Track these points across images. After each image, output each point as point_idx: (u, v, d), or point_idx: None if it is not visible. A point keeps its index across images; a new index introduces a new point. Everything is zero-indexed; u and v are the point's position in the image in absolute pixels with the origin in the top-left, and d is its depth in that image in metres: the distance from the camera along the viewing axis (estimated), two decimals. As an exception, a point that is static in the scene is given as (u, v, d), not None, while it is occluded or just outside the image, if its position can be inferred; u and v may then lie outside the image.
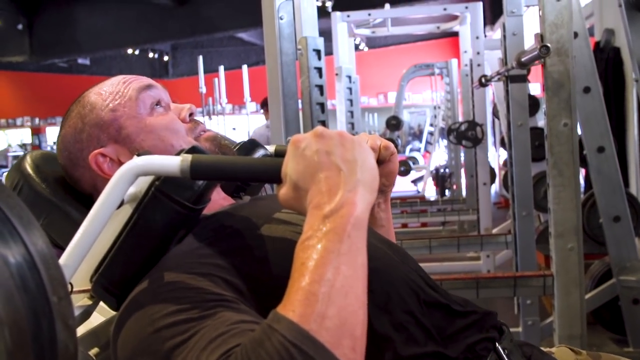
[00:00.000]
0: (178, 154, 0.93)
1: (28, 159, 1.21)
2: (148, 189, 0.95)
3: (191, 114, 1.23)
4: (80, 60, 18.02)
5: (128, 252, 0.96)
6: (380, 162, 1.17)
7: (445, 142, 9.26)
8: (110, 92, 1.19)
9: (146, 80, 1.22)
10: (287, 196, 0.86)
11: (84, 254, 0.92)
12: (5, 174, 1.21)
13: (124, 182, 0.91)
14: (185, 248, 0.98)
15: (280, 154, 1.24)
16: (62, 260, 0.90)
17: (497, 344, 1.03)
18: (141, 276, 0.95)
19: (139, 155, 0.92)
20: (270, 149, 1.26)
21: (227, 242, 0.98)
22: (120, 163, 1.11)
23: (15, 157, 15.14)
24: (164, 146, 1.14)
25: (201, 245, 0.98)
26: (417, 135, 17.25)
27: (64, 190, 1.19)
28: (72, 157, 1.18)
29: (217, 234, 1.00)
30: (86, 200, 1.17)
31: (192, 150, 0.94)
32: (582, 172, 3.68)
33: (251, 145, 1.20)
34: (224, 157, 0.95)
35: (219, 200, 1.18)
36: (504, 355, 1.02)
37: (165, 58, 19.23)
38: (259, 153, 1.20)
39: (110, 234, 0.96)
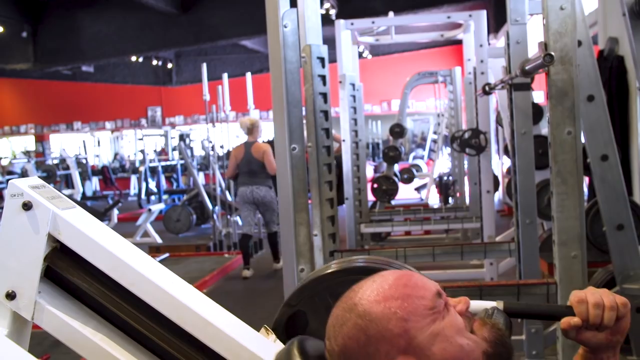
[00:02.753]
0: None
1: (295, 351, 1.19)
2: None
3: (467, 308, 1.20)
4: (84, 68, 18.06)
5: None
6: (617, 319, 1.19)
7: (448, 149, 9.26)
8: (395, 297, 1.13)
9: (435, 286, 1.17)
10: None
11: None
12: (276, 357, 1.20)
13: None
14: None
15: (510, 311, 1.24)
16: None
17: None
18: None
19: None
20: (499, 305, 1.25)
21: None
22: None
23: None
24: (453, 348, 1.11)
25: None
26: (421, 143, 17.26)
27: None
28: None
29: None
30: None
31: None
32: (586, 180, 3.67)
33: (500, 315, 1.21)
34: None
35: None
36: None
37: (169, 65, 19.26)
38: (502, 318, 1.20)
39: None
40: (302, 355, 1.17)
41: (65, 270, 1.25)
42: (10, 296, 1.22)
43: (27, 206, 1.21)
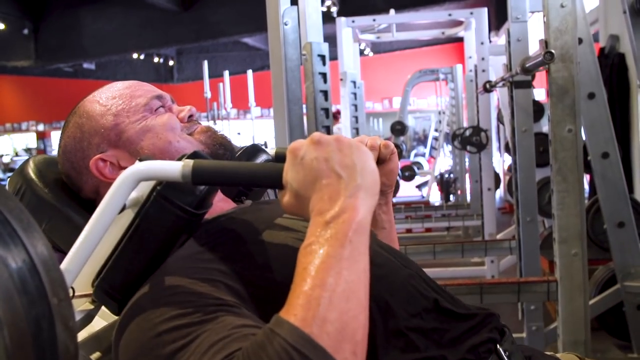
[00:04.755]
0: (180, 159, 0.93)
1: (31, 164, 1.22)
2: (150, 194, 0.95)
3: (191, 116, 1.24)
4: (85, 65, 18.07)
5: (129, 256, 0.96)
6: (380, 161, 1.18)
7: (449, 147, 9.26)
8: (113, 97, 1.20)
9: (155, 91, 1.24)
10: (289, 204, 0.87)
11: (85, 259, 0.92)
12: (9, 178, 1.21)
13: (126, 187, 0.91)
14: (187, 252, 0.98)
15: (280, 158, 1.26)
16: (63, 265, 0.91)
17: (498, 345, 1.03)
18: (143, 280, 0.95)
19: (140, 160, 0.93)
20: (272, 152, 1.26)
21: (228, 247, 0.98)
22: (121, 167, 1.14)
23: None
24: (162, 144, 1.16)
25: (202, 249, 0.98)
26: (422, 140, 17.24)
27: (66, 195, 1.19)
28: (74, 166, 1.19)
29: (218, 239, 1.00)
30: (89, 205, 1.18)
31: (194, 155, 0.95)
32: (587, 177, 3.67)
33: (253, 149, 1.23)
34: (225, 163, 0.95)
35: (220, 204, 1.18)
36: (505, 357, 1.02)
37: (171, 63, 19.26)
38: (262, 158, 1.22)
39: (111, 238, 0.96)
40: (36, 164, 1.23)
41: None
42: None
43: (26, 203, 1.22)
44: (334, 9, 9.91)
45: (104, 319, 1.13)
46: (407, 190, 10.35)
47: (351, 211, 0.80)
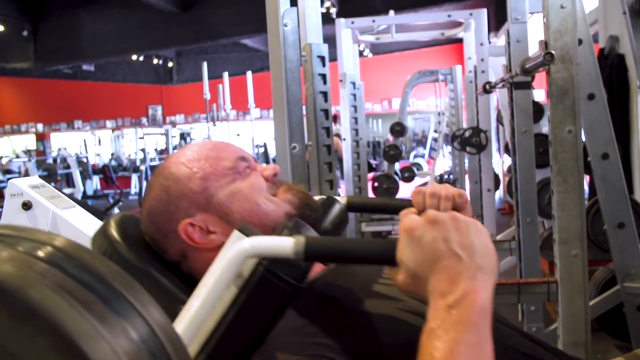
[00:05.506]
0: (282, 231, 0.94)
1: (112, 224, 1.19)
2: (255, 269, 0.94)
3: (275, 174, 1.23)
4: (84, 67, 18.06)
5: (235, 333, 0.94)
6: (454, 209, 1.18)
7: (449, 148, 9.26)
8: (198, 159, 1.18)
9: (240, 151, 1.23)
10: (405, 283, 0.86)
11: (192, 337, 0.90)
12: (92, 239, 1.19)
13: (235, 264, 0.90)
14: (290, 326, 0.97)
15: (352, 206, 1.27)
16: None
17: None
18: (248, 357, 0.95)
19: (241, 230, 0.92)
20: (342, 200, 1.28)
21: (331, 320, 0.98)
22: (210, 231, 1.13)
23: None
24: (251, 206, 1.15)
25: (305, 322, 0.97)
26: (421, 141, 17.24)
27: (151, 257, 1.18)
28: (159, 228, 1.18)
29: (319, 310, 0.99)
30: (173, 267, 1.17)
31: (296, 225, 0.95)
32: (587, 178, 3.67)
33: (329, 202, 1.24)
34: (337, 240, 0.95)
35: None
36: None
37: (170, 64, 19.25)
38: (336, 207, 1.24)
39: (214, 313, 0.95)
40: (117, 224, 1.20)
41: (65, 270, 1.26)
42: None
43: (27, 206, 1.21)
44: (333, 10, 9.91)
45: None
46: (407, 192, 10.34)
47: (474, 294, 0.79)
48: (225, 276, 0.90)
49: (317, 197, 1.31)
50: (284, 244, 0.88)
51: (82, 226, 1.25)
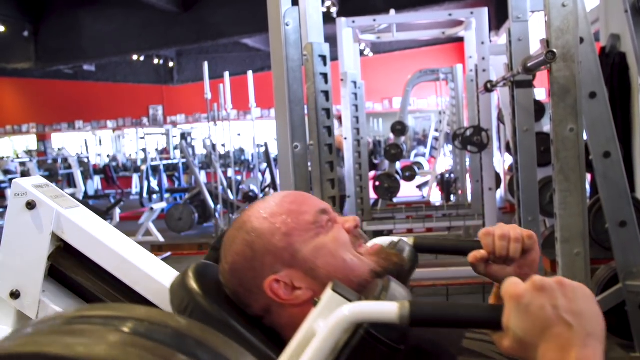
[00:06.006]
0: (379, 294, 0.95)
1: (191, 275, 1.19)
2: (355, 331, 0.93)
3: (356, 227, 1.23)
4: (85, 67, 18.06)
5: None
6: (524, 252, 1.18)
7: (450, 147, 9.26)
8: (280, 214, 1.18)
9: (320, 203, 1.22)
10: (511, 349, 0.86)
11: None
12: (171, 291, 1.19)
13: (338, 332, 0.90)
14: None
15: (420, 247, 1.26)
16: None
17: None
18: None
19: (334, 290, 0.93)
20: (409, 241, 1.27)
21: None
22: (295, 287, 1.12)
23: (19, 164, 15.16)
24: (337, 262, 1.14)
25: None
26: (422, 140, 17.24)
27: (233, 311, 1.17)
28: (243, 283, 1.17)
29: None
30: (256, 321, 1.17)
31: (389, 285, 0.96)
32: (588, 177, 3.67)
33: (402, 246, 1.23)
34: (442, 305, 0.94)
35: None
36: None
37: (171, 64, 19.25)
38: (407, 249, 1.23)
39: None
40: (196, 276, 1.18)
41: (69, 269, 1.26)
42: (15, 295, 1.22)
43: (30, 205, 1.22)
44: (333, 10, 9.91)
45: None
46: (408, 191, 10.35)
47: None
48: (329, 341, 0.91)
49: (386, 239, 1.30)
50: (389, 310, 0.89)
51: (86, 226, 1.25)
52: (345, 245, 1.17)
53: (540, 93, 9.21)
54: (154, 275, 1.24)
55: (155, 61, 18.22)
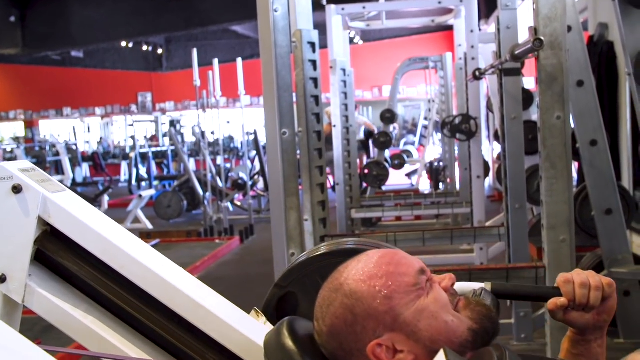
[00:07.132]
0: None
1: (286, 333, 1.18)
2: None
3: (452, 284, 1.22)
4: (73, 53, 17.95)
5: None
6: (603, 299, 1.20)
7: (439, 135, 9.29)
8: (379, 276, 1.16)
9: (417, 263, 1.20)
10: None
11: None
12: (266, 351, 1.18)
13: None
14: None
15: (499, 294, 1.27)
16: None
17: None
18: None
19: (447, 357, 0.97)
20: (487, 287, 1.27)
21: None
22: (396, 350, 1.12)
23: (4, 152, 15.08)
24: (439, 325, 1.14)
25: None
26: (412, 128, 17.27)
27: None
28: (343, 347, 1.16)
29: None
30: None
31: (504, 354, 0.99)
32: (575, 165, 3.69)
33: (487, 296, 1.23)
34: None
35: None
36: None
37: (159, 51, 19.15)
38: (490, 299, 1.23)
39: None
40: (292, 335, 1.18)
41: (56, 253, 1.26)
42: (1, 279, 1.22)
43: (17, 189, 1.21)
44: (323, -3, 9.87)
45: None
46: (397, 179, 10.38)
47: None
48: None
49: (464, 286, 1.30)
50: None
51: (73, 210, 1.25)
52: (446, 306, 1.16)
53: (529, 82, 9.24)
54: (140, 258, 1.24)
55: (144, 48, 18.13)
